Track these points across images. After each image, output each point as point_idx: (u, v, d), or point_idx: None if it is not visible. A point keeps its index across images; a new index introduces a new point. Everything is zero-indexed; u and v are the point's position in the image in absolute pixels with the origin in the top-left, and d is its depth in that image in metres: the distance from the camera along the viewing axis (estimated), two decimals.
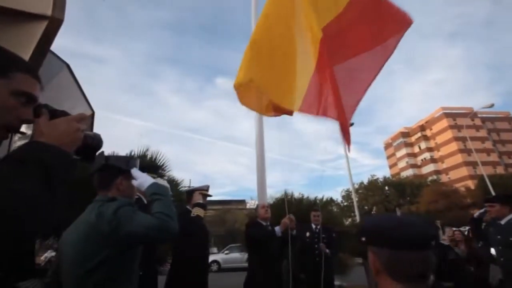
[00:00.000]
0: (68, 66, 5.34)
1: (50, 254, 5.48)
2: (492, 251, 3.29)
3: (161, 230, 1.05)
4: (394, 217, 0.79)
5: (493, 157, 49.65)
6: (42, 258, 5.77)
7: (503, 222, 2.91)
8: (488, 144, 50.98)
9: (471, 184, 36.27)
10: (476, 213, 3.45)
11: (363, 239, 0.80)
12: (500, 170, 44.86)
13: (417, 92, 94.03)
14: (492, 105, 18.85)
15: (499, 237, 2.90)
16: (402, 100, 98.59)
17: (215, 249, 23.15)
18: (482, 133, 52.10)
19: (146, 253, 1.79)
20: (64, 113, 0.67)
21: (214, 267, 14.90)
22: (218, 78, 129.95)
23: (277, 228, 3.01)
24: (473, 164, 44.41)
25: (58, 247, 1.22)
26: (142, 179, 1.25)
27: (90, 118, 5.81)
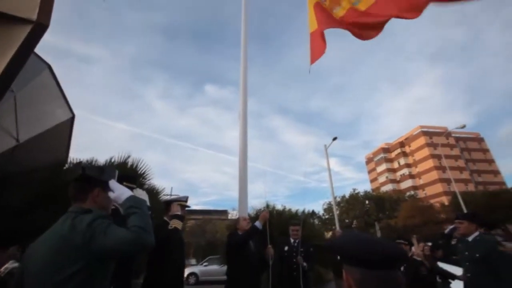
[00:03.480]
0: (49, 67, 5.19)
1: (11, 265, 5.04)
2: (442, 265, 3.45)
3: (135, 243, 1.04)
4: (364, 237, 0.83)
5: (465, 175, 52.38)
6: (2, 269, 5.30)
7: (470, 238, 3.06)
8: (460, 162, 53.84)
9: (445, 200, 37.88)
10: (447, 229, 3.63)
11: (338, 257, 0.83)
12: (471, 187, 47.36)
13: (400, 109, 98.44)
14: (463, 126, 20.08)
15: (466, 253, 3.03)
16: (385, 116, 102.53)
17: (193, 261, 22.44)
18: (456, 151, 55.05)
19: (120, 266, 1.73)
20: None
21: (192, 279, 14.38)
22: (207, 85, 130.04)
23: (257, 223, 3.06)
24: (447, 181, 46.57)
25: (23, 259, 1.17)
26: (119, 192, 1.24)
27: (69, 122, 5.61)
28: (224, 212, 34.14)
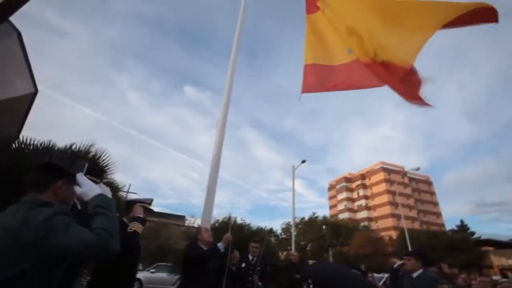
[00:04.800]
0: (19, 34, 4.73)
1: None
2: None
3: (99, 248, 0.94)
4: (339, 269, 0.84)
5: (413, 213, 56.87)
6: None
7: (414, 275, 3.30)
8: (411, 201, 58.49)
9: (394, 234, 40.51)
10: (396, 264, 3.88)
11: (311, 286, 0.83)
12: (416, 225, 51.43)
13: (366, 143, 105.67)
14: (418, 168, 21.98)
15: None
16: (352, 148, 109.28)
17: (139, 265, 20.84)
18: (408, 190, 59.82)
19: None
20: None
21: (135, 286, 13.35)
22: (186, 86, 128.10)
23: (219, 245, 3.01)
24: (398, 217, 50.17)
25: None
26: (87, 188, 1.13)
27: (30, 97, 5.09)
28: (182, 218, 32.72)
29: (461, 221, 39.43)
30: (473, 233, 34.99)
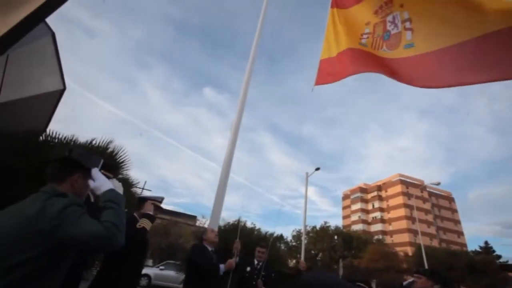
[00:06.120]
0: (53, 35, 5.07)
1: None
2: None
3: (106, 241, 1.00)
4: (333, 281, 0.83)
5: (432, 230, 54.19)
6: None
7: None
8: (430, 217, 55.83)
9: (409, 250, 38.81)
10: (406, 281, 3.72)
11: None
12: (435, 243, 48.90)
13: (384, 153, 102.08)
14: (438, 183, 20.95)
15: None
16: (370, 158, 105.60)
17: (149, 262, 21.35)
18: (427, 205, 57.17)
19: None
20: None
21: (144, 281, 13.65)
22: (206, 88, 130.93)
23: (221, 266, 3.03)
24: (415, 232, 47.96)
25: None
26: (100, 182, 1.21)
27: (58, 94, 5.43)
28: (193, 218, 33.16)
29: (486, 242, 37.11)
30: (499, 256, 32.73)
